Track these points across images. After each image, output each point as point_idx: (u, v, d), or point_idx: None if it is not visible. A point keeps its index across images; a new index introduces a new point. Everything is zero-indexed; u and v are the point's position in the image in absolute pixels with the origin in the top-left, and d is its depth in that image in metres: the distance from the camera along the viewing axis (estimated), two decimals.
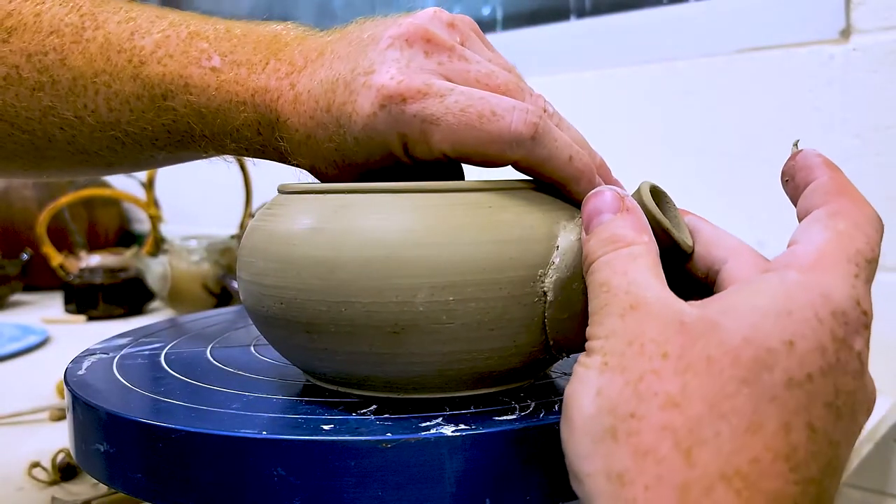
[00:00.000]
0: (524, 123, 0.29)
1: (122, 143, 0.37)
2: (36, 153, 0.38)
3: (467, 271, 0.27)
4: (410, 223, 0.28)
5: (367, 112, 0.30)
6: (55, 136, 0.37)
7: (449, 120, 0.29)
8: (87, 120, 0.36)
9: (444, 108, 0.29)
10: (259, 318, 0.32)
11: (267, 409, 0.30)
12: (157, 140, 0.37)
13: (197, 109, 0.35)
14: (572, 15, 0.91)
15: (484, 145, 0.30)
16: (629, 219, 0.27)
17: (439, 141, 0.30)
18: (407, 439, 0.26)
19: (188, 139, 0.36)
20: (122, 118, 0.36)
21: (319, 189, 0.31)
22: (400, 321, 0.27)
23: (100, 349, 0.40)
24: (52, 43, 0.36)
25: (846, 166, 0.76)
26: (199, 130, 0.36)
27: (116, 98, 0.36)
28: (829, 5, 0.69)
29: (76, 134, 0.37)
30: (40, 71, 0.36)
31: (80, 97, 0.36)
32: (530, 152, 0.30)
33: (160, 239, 1.04)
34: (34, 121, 0.37)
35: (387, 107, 0.30)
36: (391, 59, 0.30)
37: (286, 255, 0.29)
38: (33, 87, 0.36)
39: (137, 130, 0.36)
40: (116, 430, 0.29)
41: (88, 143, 0.37)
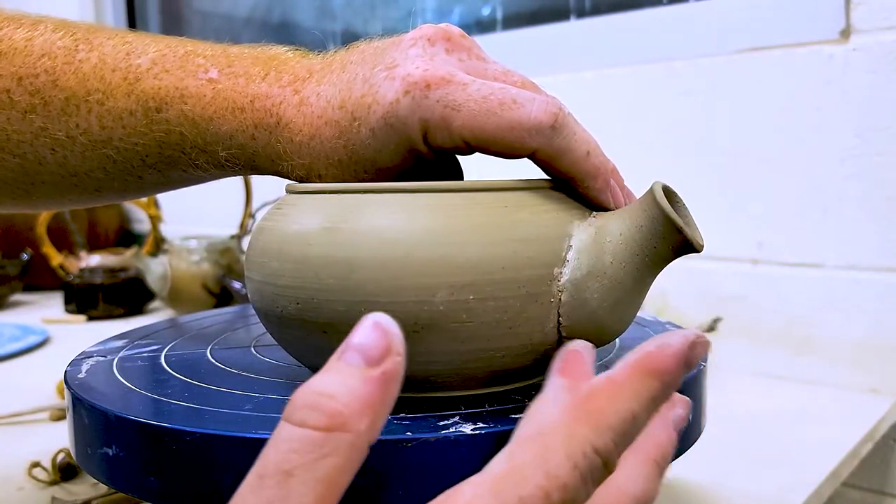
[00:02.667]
0: (545, 112, 0.29)
1: (112, 161, 0.37)
2: (26, 178, 0.38)
3: (487, 270, 0.27)
4: (429, 222, 0.28)
5: (390, 100, 0.31)
6: (46, 158, 0.37)
7: (471, 106, 0.30)
8: (78, 139, 0.36)
9: (467, 95, 0.30)
10: (272, 319, 0.32)
11: (277, 410, 0.30)
12: (147, 157, 0.37)
13: (191, 118, 0.35)
14: (572, 15, 0.91)
15: (504, 132, 0.30)
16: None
17: (460, 127, 0.30)
18: (427, 438, 0.26)
19: (178, 153, 0.36)
20: (113, 135, 0.36)
21: (332, 189, 0.31)
22: (419, 320, 0.27)
23: (96, 351, 0.40)
24: (43, 65, 0.36)
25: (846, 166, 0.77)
26: (191, 140, 0.36)
27: (109, 115, 0.36)
28: (829, 5, 0.69)
29: (67, 154, 0.37)
30: (32, 93, 0.36)
31: (72, 117, 0.36)
32: (549, 142, 0.30)
33: (160, 239, 1.04)
34: (25, 143, 0.37)
35: (410, 93, 0.30)
36: (415, 55, 0.31)
37: (302, 256, 0.29)
38: (25, 109, 0.36)
39: (129, 146, 0.36)
40: (126, 433, 0.29)
41: (80, 164, 0.37)
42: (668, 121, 0.78)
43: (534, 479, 0.20)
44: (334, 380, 0.19)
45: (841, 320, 0.69)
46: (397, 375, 0.19)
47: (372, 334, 0.19)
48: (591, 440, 0.21)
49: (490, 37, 0.99)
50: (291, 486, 0.18)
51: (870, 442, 0.59)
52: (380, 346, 0.19)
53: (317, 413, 0.18)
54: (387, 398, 0.19)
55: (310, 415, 0.18)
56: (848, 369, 0.69)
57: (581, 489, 0.21)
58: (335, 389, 0.19)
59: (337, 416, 0.18)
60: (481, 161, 0.34)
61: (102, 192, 0.40)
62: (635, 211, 0.29)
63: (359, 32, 1.15)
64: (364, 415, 0.18)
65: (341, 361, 0.19)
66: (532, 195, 0.30)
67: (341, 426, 0.18)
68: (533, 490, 0.20)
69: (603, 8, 0.88)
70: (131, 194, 0.41)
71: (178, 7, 1.57)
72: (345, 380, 0.19)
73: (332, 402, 0.18)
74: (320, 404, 0.18)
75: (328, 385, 0.19)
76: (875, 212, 0.67)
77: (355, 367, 0.19)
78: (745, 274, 0.74)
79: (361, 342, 0.19)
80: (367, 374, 0.19)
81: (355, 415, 0.18)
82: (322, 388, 0.19)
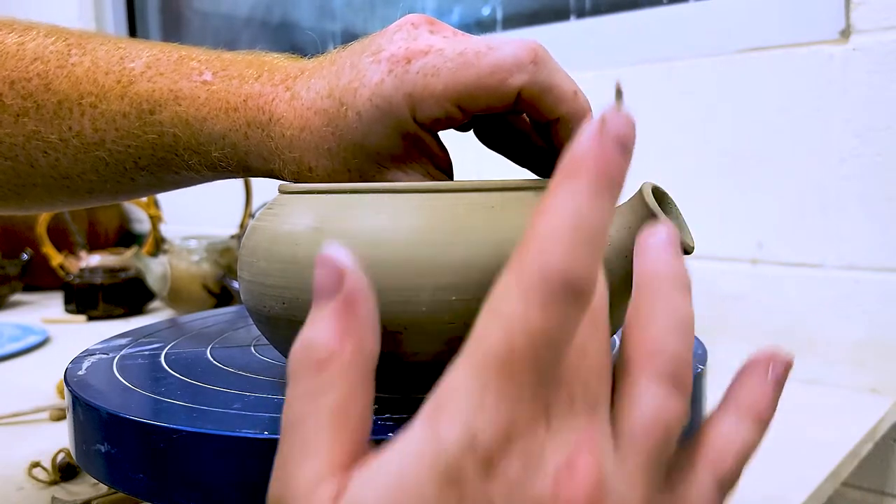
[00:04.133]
0: (522, 48, 0.30)
1: (105, 164, 0.37)
2: (17, 181, 0.38)
3: (470, 271, 0.27)
4: (413, 223, 0.28)
5: (376, 81, 0.31)
6: (38, 160, 0.37)
7: (449, 66, 0.30)
8: (71, 142, 0.36)
9: (444, 58, 0.30)
10: (261, 318, 0.32)
11: (268, 409, 0.30)
12: (139, 159, 0.37)
13: (184, 119, 0.35)
14: (572, 15, 0.91)
15: (485, 78, 0.30)
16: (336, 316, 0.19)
17: (443, 89, 0.30)
18: None
19: (171, 155, 0.36)
20: (106, 137, 0.36)
21: (321, 189, 0.31)
22: (403, 321, 0.27)
23: (99, 349, 0.40)
24: (36, 69, 0.36)
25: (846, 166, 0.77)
26: (185, 142, 0.36)
27: (102, 118, 0.36)
28: (829, 5, 0.69)
29: (60, 157, 0.37)
30: (24, 97, 0.36)
31: (64, 120, 0.36)
32: (533, 77, 0.30)
33: (160, 239, 1.04)
34: (17, 146, 0.37)
35: (393, 71, 0.31)
36: (399, 38, 0.31)
37: (288, 256, 0.29)
38: (17, 112, 0.36)
39: (122, 149, 0.36)
40: (118, 430, 0.29)
41: (72, 166, 0.37)
42: (668, 121, 0.78)
43: (494, 333, 0.17)
44: (310, 329, 0.20)
45: (841, 320, 0.69)
46: (359, 290, 0.19)
47: (321, 272, 0.20)
48: (541, 268, 0.17)
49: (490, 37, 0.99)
50: (306, 431, 0.19)
51: (870, 442, 0.59)
52: (331, 276, 0.19)
53: (306, 363, 0.19)
54: (360, 316, 0.19)
55: (302, 368, 0.19)
56: (848, 369, 0.69)
57: (553, 319, 0.17)
58: (312, 335, 0.19)
59: (321, 357, 0.19)
60: (481, 163, 0.34)
61: (94, 194, 0.40)
62: (624, 211, 0.29)
63: (359, 32, 1.15)
64: (344, 341, 0.19)
65: (312, 311, 0.20)
66: (519, 196, 0.30)
67: (328, 363, 0.19)
68: (495, 342, 0.17)
69: (603, 8, 0.88)
70: (123, 196, 0.41)
71: (178, 7, 1.57)
72: (316, 323, 0.19)
73: (314, 348, 0.19)
74: (307, 356, 0.19)
75: (307, 335, 0.20)
76: (875, 212, 0.66)
77: (320, 307, 0.19)
78: (745, 274, 0.74)
79: (317, 284, 0.20)
80: (331, 308, 0.19)
81: (336, 347, 0.19)
82: (303, 341, 0.20)
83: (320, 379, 0.19)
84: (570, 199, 0.17)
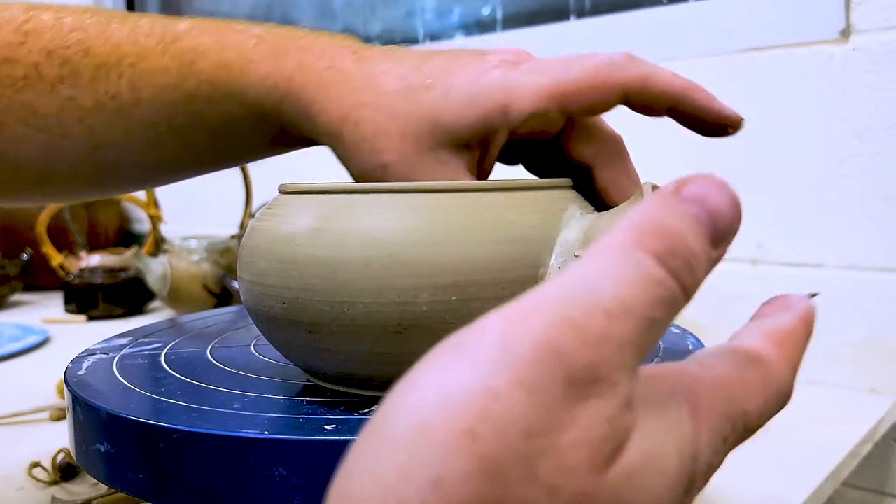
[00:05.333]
0: (615, 55, 0.32)
1: (138, 126, 0.37)
2: (47, 157, 0.38)
3: (470, 271, 0.27)
4: (413, 223, 0.28)
5: (479, 69, 0.32)
6: (72, 130, 0.37)
7: (555, 67, 0.32)
8: (107, 106, 0.36)
9: (549, 63, 0.32)
10: (261, 319, 0.32)
11: (268, 409, 0.30)
12: (174, 118, 0.36)
13: (227, 63, 0.35)
14: (572, 15, 0.91)
15: (589, 74, 0.31)
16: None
17: (549, 85, 0.31)
18: None
19: (207, 107, 0.36)
20: (143, 96, 0.36)
21: (321, 189, 0.31)
22: (403, 321, 0.27)
23: (100, 349, 0.40)
24: (74, 37, 0.36)
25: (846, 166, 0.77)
26: (224, 88, 0.35)
27: (141, 77, 0.36)
28: (829, 5, 0.69)
29: (94, 124, 0.37)
30: (61, 65, 0.36)
31: (101, 84, 0.36)
32: (636, 69, 0.31)
33: (160, 239, 1.04)
34: (51, 117, 0.36)
35: (500, 67, 0.32)
36: (501, 50, 0.34)
37: (288, 256, 0.29)
38: (54, 81, 0.36)
39: (157, 107, 0.36)
40: (118, 430, 0.29)
41: (105, 134, 0.37)
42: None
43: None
44: (681, 227, 0.16)
45: (841, 320, 0.69)
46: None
47: (726, 201, 0.17)
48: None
49: (490, 37, 0.99)
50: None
51: (870, 442, 0.59)
52: (732, 221, 0.17)
53: (677, 260, 0.16)
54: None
55: (673, 262, 0.16)
56: (848, 369, 0.69)
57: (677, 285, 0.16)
58: (687, 240, 0.16)
59: (691, 276, 0.16)
60: None
61: (120, 172, 0.39)
62: (625, 212, 0.29)
63: (359, 32, 1.15)
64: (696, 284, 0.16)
65: (683, 205, 0.17)
66: (520, 196, 0.30)
67: (688, 288, 0.16)
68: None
69: (603, 8, 0.88)
70: (148, 176, 0.41)
71: (179, 7, 1.57)
72: (690, 236, 0.16)
73: (690, 259, 0.16)
74: (682, 258, 0.16)
75: (673, 228, 0.16)
76: (875, 212, 0.66)
77: (701, 231, 0.16)
78: (745, 274, 0.74)
79: (714, 207, 0.17)
80: (711, 254, 0.17)
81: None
82: (670, 230, 0.16)
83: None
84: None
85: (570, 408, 0.14)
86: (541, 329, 0.14)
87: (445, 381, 0.14)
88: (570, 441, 0.14)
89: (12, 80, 0.36)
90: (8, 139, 0.37)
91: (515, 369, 0.14)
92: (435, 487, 0.13)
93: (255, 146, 0.38)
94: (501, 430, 0.13)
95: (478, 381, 0.14)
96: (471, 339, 0.15)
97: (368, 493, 0.14)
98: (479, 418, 0.13)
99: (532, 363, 0.14)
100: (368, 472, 0.14)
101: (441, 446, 0.13)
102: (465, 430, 0.13)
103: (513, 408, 0.14)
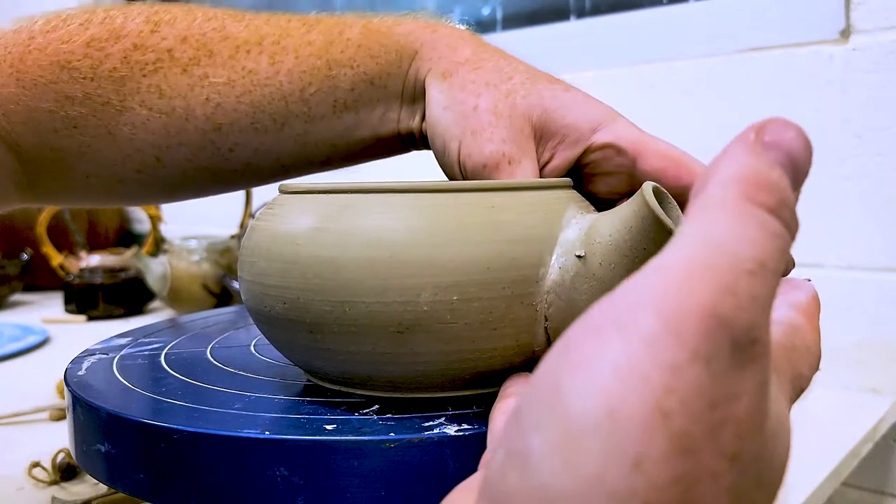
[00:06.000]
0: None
1: (267, 102, 0.37)
2: (163, 141, 0.37)
3: (471, 271, 0.27)
4: (414, 223, 0.28)
5: (586, 95, 0.36)
6: (195, 111, 0.37)
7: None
8: (238, 83, 0.37)
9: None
10: (261, 318, 0.32)
11: (269, 409, 0.30)
12: (308, 86, 0.37)
13: (374, 28, 0.37)
14: (572, 15, 0.91)
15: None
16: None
17: (640, 137, 0.35)
18: (410, 439, 0.26)
19: (346, 69, 0.37)
20: (282, 68, 0.37)
21: (322, 189, 0.31)
22: (404, 321, 0.27)
23: (100, 349, 0.40)
24: (210, 26, 0.37)
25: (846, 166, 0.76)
26: (368, 48, 0.37)
27: (283, 52, 0.37)
28: (829, 5, 0.69)
29: (221, 102, 0.37)
30: (197, 48, 0.37)
31: (239, 61, 0.37)
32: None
33: (160, 239, 1.04)
34: (177, 97, 0.37)
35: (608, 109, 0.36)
36: None
37: (290, 255, 0.29)
38: (186, 64, 0.37)
39: (294, 78, 0.37)
40: (118, 430, 0.29)
41: (228, 113, 0.37)
42: (669, 121, 0.78)
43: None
44: (776, 175, 0.16)
45: (841, 320, 0.69)
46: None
47: (803, 144, 0.17)
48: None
49: (490, 37, 0.99)
50: (777, 284, 0.15)
51: (870, 442, 0.59)
52: (808, 163, 0.17)
53: (787, 211, 0.16)
54: None
55: (785, 213, 0.16)
56: (848, 369, 0.69)
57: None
58: (785, 189, 0.16)
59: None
60: None
61: (237, 155, 0.39)
62: (625, 212, 0.28)
63: None
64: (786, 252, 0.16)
65: (769, 152, 0.17)
66: (521, 196, 0.30)
67: (795, 236, 0.16)
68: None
69: (603, 8, 0.88)
70: (265, 163, 0.40)
71: None
72: (784, 183, 0.16)
73: (793, 207, 0.16)
74: (789, 208, 0.16)
75: (773, 178, 0.16)
76: (875, 212, 0.66)
77: (787, 176, 0.17)
78: None
79: (794, 151, 0.17)
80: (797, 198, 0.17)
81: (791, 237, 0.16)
82: (773, 181, 0.16)
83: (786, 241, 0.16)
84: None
85: (739, 374, 0.14)
86: (701, 299, 0.14)
87: (621, 361, 0.14)
88: (745, 408, 0.14)
89: (141, 66, 0.36)
90: (125, 123, 0.37)
91: (691, 342, 0.14)
92: (638, 470, 0.13)
93: (367, 121, 0.39)
94: (689, 405, 0.13)
95: (657, 358, 0.14)
96: (626, 317, 0.14)
97: (569, 485, 0.13)
98: (666, 395, 0.13)
99: (704, 334, 0.14)
100: (561, 464, 0.14)
101: (637, 428, 0.13)
102: (656, 409, 0.13)
103: (695, 381, 0.14)
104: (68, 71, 0.35)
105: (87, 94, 0.36)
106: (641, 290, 0.15)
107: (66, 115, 0.36)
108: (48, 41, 0.36)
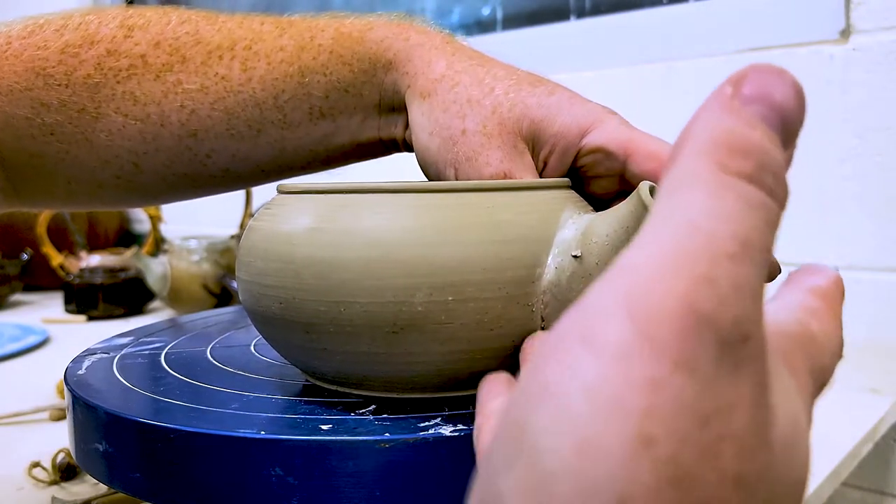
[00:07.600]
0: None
1: (240, 108, 0.37)
2: (139, 147, 0.37)
3: (466, 271, 0.27)
4: (409, 223, 0.28)
5: (574, 94, 0.36)
6: (170, 118, 0.37)
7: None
8: (211, 90, 0.37)
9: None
10: (258, 318, 0.32)
11: (266, 409, 0.30)
12: (281, 93, 0.37)
13: (346, 34, 0.37)
14: (572, 15, 0.91)
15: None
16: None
17: (630, 136, 0.34)
18: (405, 439, 0.26)
19: (318, 76, 0.37)
20: (254, 75, 0.37)
21: (319, 189, 0.31)
22: (399, 321, 0.27)
23: (100, 349, 0.40)
24: (183, 30, 0.37)
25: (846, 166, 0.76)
26: (340, 55, 0.36)
27: (255, 56, 0.37)
28: (829, 5, 0.69)
29: (195, 108, 0.37)
30: (170, 53, 0.36)
31: (212, 67, 0.37)
32: None
33: (160, 239, 1.04)
34: (152, 104, 0.37)
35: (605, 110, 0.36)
36: None
37: (286, 255, 0.29)
38: (159, 70, 0.36)
39: (266, 85, 0.37)
40: (116, 429, 0.29)
41: (203, 119, 0.37)
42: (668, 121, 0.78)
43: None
44: (755, 135, 0.14)
45: None
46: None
47: (791, 92, 0.15)
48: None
49: (490, 37, 0.99)
50: (766, 263, 0.14)
51: (870, 442, 0.59)
52: (800, 113, 0.15)
53: (769, 175, 0.14)
54: None
55: (766, 179, 0.14)
56: (848, 369, 0.69)
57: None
58: (767, 149, 0.14)
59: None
60: None
61: (214, 160, 0.39)
62: (622, 212, 0.28)
63: None
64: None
65: (747, 107, 0.15)
66: (517, 196, 0.30)
67: (783, 202, 0.15)
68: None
69: (603, 8, 0.88)
70: (242, 168, 0.40)
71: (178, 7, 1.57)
72: (766, 142, 0.14)
73: (778, 169, 0.14)
74: (772, 171, 0.14)
75: (750, 138, 0.14)
76: (875, 212, 0.66)
77: (773, 133, 0.15)
78: None
79: (780, 101, 0.15)
80: (786, 156, 0.15)
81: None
82: (749, 142, 0.14)
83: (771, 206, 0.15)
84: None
85: (731, 380, 0.12)
86: (674, 295, 0.12)
87: (590, 384, 0.12)
88: (743, 420, 0.12)
89: (115, 72, 0.36)
90: (101, 130, 0.36)
91: (668, 349, 0.12)
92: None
93: (345, 128, 0.39)
94: (675, 426, 0.11)
95: (631, 375, 0.12)
96: (594, 328, 0.12)
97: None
98: (646, 418, 0.11)
99: (680, 336, 0.12)
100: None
101: (616, 461, 0.11)
102: (636, 437, 0.11)
103: (678, 394, 0.11)
104: (43, 78, 0.35)
105: (63, 102, 0.36)
106: (607, 293, 0.13)
107: (43, 123, 0.36)
108: (24, 47, 0.35)
